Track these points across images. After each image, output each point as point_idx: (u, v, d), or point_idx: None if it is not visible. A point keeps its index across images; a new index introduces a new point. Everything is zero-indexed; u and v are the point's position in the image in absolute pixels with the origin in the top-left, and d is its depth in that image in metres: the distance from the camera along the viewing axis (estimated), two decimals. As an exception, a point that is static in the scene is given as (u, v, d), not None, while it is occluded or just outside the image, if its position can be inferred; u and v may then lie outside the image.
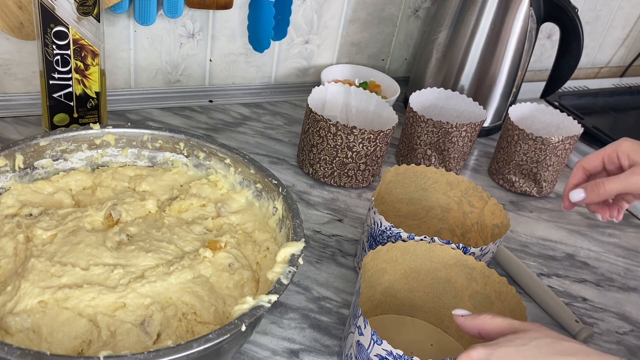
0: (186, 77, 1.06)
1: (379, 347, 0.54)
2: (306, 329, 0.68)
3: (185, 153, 0.76)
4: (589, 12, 1.38)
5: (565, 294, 0.81)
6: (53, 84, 0.78)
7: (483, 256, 0.68)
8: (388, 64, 1.25)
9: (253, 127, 1.02)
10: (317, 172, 0.90)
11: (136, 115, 0.98)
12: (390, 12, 1.18)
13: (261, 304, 0.53)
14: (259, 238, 0.69)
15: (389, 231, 0.67)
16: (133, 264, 0.60)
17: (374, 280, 0.66)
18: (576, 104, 1.28)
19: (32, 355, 0.45)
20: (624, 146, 0.67)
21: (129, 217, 0.67)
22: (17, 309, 0.54)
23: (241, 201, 0.73)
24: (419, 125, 0.93)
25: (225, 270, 0.63)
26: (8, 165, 0.67)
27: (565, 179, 1.06)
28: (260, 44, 1.02)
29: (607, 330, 0.76)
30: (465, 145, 0.94)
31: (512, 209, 0.95)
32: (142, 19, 0.93)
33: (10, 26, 0.83)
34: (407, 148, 0.97)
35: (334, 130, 0.85)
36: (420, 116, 0.92)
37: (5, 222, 0.64)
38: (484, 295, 0.65)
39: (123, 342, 0.54)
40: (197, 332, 0.57)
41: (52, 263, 0.58)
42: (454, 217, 0.78)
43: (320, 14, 1.10)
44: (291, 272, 0.57)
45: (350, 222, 0.85)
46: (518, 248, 0.87)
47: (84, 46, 0.77)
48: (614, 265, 0.88)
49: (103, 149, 0.74)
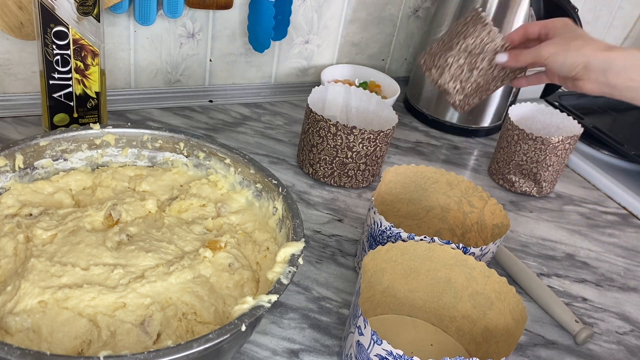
0: (186, 77, 1.06)
1: (379, 347, 0.54)
2: (306, 329, 0.68)
3: (185, 153, 0.76)
4: (589, 12, 1.38)
5: (565, 294, 0.81)
6: (53, 84, 0.78)
7: (483, 256, 0.68)
8: (388, 64, 1.25)
9: (253, 127, 1.02)
10: (317, 172, 0.90)
11: (136, 115, 0.98)
12: (390, 12, 1.18)
13: (261, 304, 0.53)
14: (259, 238, 0.69)
15: (389, 231, 0.67)
16: (133, 264, 0.60)
17: (374, 280, 0.66)
18: (576, 104, 1.28)
19: (32, 355, 0.45)
20: (556, 23, 0.73)
21: (129, 217, 0.67)
22: (17, 309, 0.54)
23: (241, 201, 0.73)
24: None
25: (225, 270, 0.63)
26: (8, 165, 0.67)
27: (565, 179, 1.06)
28: (260, 44, 1.02)
29: (607, 330, 0.76)
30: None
31: (512, 209, 0.95)
32: (142, 19, 0.93)
33: (10, 26, 0.83)
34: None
35: (334, 130, 0.85)
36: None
37: (5, 222, 0.64)
38: (484, 295, 0.65)
39: (123, 342, 0.54)
40: (197, 332, 0.57)
41: (52, 263, 0.58)
42: (454, 217, 0.78)
43: (320, 14, 1.10)
44: (291, 272, 0.57)
45: (350, 222, 0.85)
46: (518, 248, 0.87)
47: (84, 46, 0.77)
48: (614, 265, 0.88)
49: (103, 149, 0.74)
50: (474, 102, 0.78)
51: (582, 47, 0.68)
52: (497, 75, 0.76)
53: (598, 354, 0.73)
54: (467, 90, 0.76)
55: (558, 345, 0.73)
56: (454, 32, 0.76)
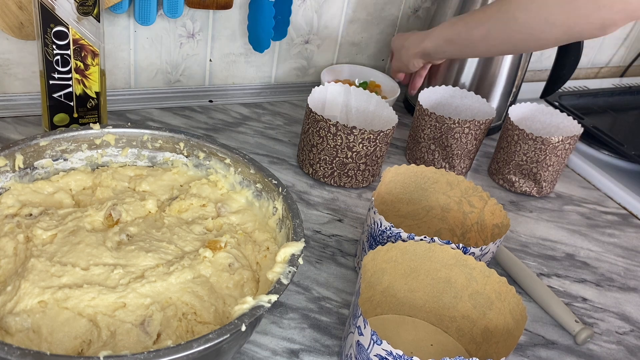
0: (186, 77, 1.06)
1: (379, 347, 0.54)
2: (306, 329, 0.68)
3: (185, 153, 0.76)
4: (589, 12, 1.38)
5: (565, 294, 0.81)
6: (53, 84, 0.78)
7: (483, 256, 0.68)
8: (388, 64, 1.25)
9: (253, 127, 1.02)
10: (317, 172, 0.90)
11: (136, 115, 0.98)
12: (390, 12, 1.18)
13: (261, 304, 0.53)
14: (259, 238, 0.69)
15: (389, 231, 0.67)
16: (133, 264, 0.60)
17: (374, 280, 0.66)
18: (576, 104, 1.28)
19: (32, 355, 0.45)
20: (393, 44, 1.02)
21: (129, 217, 0.67)
22: (17, 309, 0.54)
23: (241, 201, 0.73)
24: (424, 119, 0.94)
25: (225, 270, 0.63)
26: (8, 165, 0.67)
27: (565, 179, 1.06)
28: (260, 44, 1.02)
29: (607, 330, 0.76)
30: (469, 142, 0.94)
31: (512, 209, 0.95)
32: (142, 19, 0.93)
33: (10, 26, 0.83)
34: (413, 142, 0.99)
35: (334, 130, 0.85)
36: (424, 109, 0.93)
37: (5, 222, 0.64)
38: (484, 295, 0.65)
39: (123, 342, 0.54)
40: (197, 332, 0.57)
41: (52, 263, 0.58)
42: (454, 217, 0.78)
43: (320, 14, 1.10)
44: (291, 272, 0.57)
45: (350, 222, 0.85)
46: (518, 248, 0.87)
47: (84, 46, 0.77)
48: (614, 265, 0.88)
49: (103, 149, 0.74)
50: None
51: (407, 51, 0.98)
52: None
53: (598, 354, 0.73)
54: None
55: (558, 345, 0.73)
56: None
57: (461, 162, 0.97)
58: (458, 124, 0.91)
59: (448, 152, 0.95)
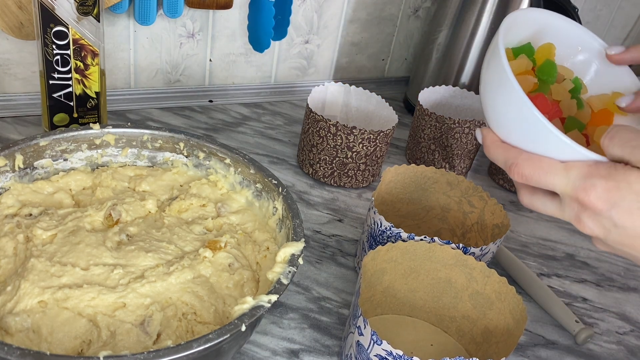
0: (186, 77, 1.06)
1: (379, 347, 0.54)
2: (306, 329, 0.68)
3: (185, 153, 0.76)
4: (589, 12, 1.38)
5: (565, 294, 0.81)
6: (53, 84, 0.78)
7: (483, 256, 0.68)
8: (388, 64, 1.25)
9: (253, 127, 1.02)
10: (317, 172, 0.90)
11: (136, 115, 0.98)
12: (390, 12, 1.18)
13: (261, 304, 0.53)
14: (259, 238, 0.69)
15: (389, 231, 0.67)
16: (133, 264, 0.60)
17: (374, 280, 0.66)
18: (576, 104, 1.28)
19: (32, 355, 0.45)
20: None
21: (129, 217, 0.67)
22: (17, 309, 0.54)
23: (241, 201, 0.73)
24: (424, 119, 0.94)
25: (225, 270, 0.63)
26: (8, 165, 0.67)
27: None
28: (260, 44, 1.02)
29: (607, 330, 0.76)
30: (469, 142, 0.94)
31: (512, 209, 0.95)
32: (142, 19, 0.93)
33: (10, 26, 0.83)
34: (413, 142, 0.99)
35: (334, 130, 0.85)
36: (424, 109, 0.93)
37: (5, 222, 0.64)
38: (484, 295, 0.65)
39: (123, 342, 0.54)
40: (197, 332, 0.57)
41: (52, 263, 0.58)
42: (454, 217, 0.78)
43: (320, 14, 1.10)
44: (291, 272, 0.57)
45: (350, 222, 0.85)
46: (518, 248, 0.87)
47: (84, 46, 0.77)
48: (614, 265, 0.88)
49: (103, 149, 0.74)
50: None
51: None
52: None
53: (598, 354, 0.73)
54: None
55: (558, 345, 0.73)
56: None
57: (461, 162, 0.97)
58: (458, 124, 0.91)
59: (448, 152, 0.95)
